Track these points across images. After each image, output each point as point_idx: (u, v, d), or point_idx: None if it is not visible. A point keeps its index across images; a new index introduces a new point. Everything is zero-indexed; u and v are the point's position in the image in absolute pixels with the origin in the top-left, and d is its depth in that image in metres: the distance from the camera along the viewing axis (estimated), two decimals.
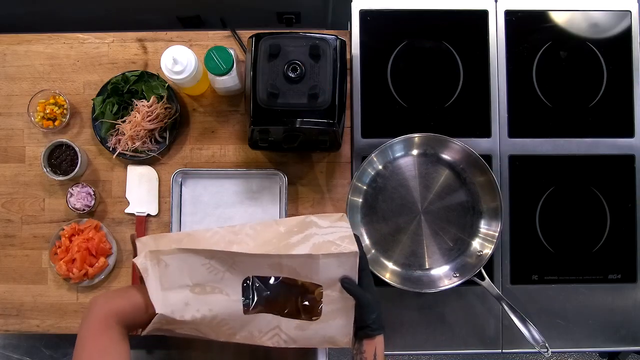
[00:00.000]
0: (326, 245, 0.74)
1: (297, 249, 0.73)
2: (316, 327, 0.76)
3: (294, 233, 0.78)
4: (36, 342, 1.15)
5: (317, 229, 0.79)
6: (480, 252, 1.05)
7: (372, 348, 0.75)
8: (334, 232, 0.78)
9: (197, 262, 0.72)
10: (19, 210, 1.12)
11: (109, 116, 1.09)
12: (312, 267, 0.73)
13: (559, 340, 1.10)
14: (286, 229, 0.79)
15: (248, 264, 0.73)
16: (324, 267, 0.73)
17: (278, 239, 0.76)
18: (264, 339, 0.76)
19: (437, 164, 1.08)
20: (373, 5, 1.14)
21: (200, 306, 0.72)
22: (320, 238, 0.76)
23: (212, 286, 0.72)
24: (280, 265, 0.73)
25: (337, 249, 0.73)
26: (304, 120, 0.92)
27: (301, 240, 0.75)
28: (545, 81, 1.13)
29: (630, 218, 1.12)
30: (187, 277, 0.72)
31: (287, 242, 0.75)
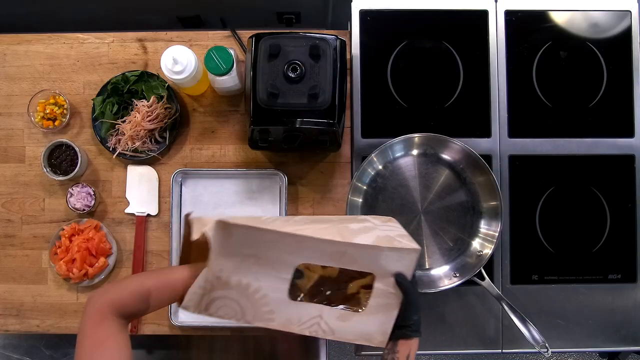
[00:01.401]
0: (389, 240, 0.73)
1: (360, 237, 0.72)
2: (358, 320, 0.75)
3: (353, 221, 0.77)
4: (36, 342, 1.15)
5: (373, 224, 0.78)
6: (480, 252, 1.05)
7: (407, 350, 0.74)
8: (390, 229, 0.78)
9: (261, 238, 0.70)
10: (19, 210, 1.12)
11: (109, 116, 1.09)
12: (372, 258, 0.72)
13: (559, 340, 1.10)
14: (339, 219, 0.79)
15: (311, 249, 0.71)
16: (384, 260, 0.73)
17: (335, 223, 0.75)
18: (302, 328, 0.74)
19: (437, 164, 1.08)
20: (373, 5, 1.14)
21: (248, 273, 0.70)
22: (381, 232, 0.75)
23: (266, 260, 0.70)
24: (342, 255, 0.72)
25: (399, 244, 0.73)
26: (304, 120, 0.92)
27: (362, 229, 0.74)
28: (545, 81, 1.13)
29: (630, 218, 1.12)
30: (246, 248, 0.70)
31: (347, 227, 0.74)
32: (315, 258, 0.72)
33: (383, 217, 0.84)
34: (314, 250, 0.71)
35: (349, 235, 0.71)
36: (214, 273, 0.69)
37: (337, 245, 0.70)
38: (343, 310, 0.75)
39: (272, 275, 0.71)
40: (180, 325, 1.07)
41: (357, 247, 0.71)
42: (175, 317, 1.08)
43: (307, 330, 0.74)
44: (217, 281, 0.70)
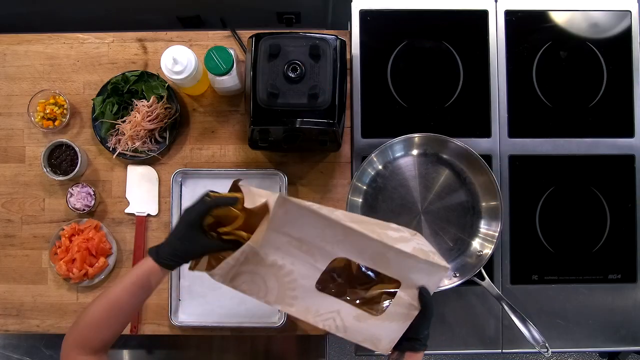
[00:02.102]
0: (424, 253, 0.75)
1: (400, 245, 0.73)
2: (373, 323, 0.76)
3: (388, 228, 0.78)
4: (36, 342, 1.15)
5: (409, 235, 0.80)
6: (480, 252, 1.05)
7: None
8: (422, 243, 0.79)
9: (313, 223, 0.70)
10: (19, 210, 1.12)
11: (109, 116, 1.09)
12: (407, 266, 0.73)
13: (559, 340, 1.10)
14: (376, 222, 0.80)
15: (355, 244, 0.71)
16: (416, 271, 0.74)
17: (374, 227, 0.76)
18: (318, 320, 0.75)
19: (437, 164, 1.08)
20: (373, 5, 1.14)
21: (287, 255, 0.70)
22: (416, 244, 0.77)
23: (309, 247, 0.71)
24: (381, 257, 0.72)
25: (433, 259, 0.75)
26: (304, 120, 0.92)
27: (399, 238, 0.75)
28: (545, 81, 1.13)
29: (630, 218, 1.12)
30: (296, 229, 0.70)
31: (387, 234, 0.74)
32: (355, 254, 0.72)
33: (410, 230, 0.86)
34: (358, 246, 0.71)
35: (391, 242, 0.72)
36: (255, 247, 0.68)
37: (380, 247, 0.71)
38: (361, 311, 0.75)
39: (309, 263, 0.71)
40: (180, 325, 1.07)
41: (398, 253, 0.72)
42: (175, 317, 1.08)
43: (321, 322, 0.75)
44: (253, 256, 0.69)
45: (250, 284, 0.72)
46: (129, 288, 0.76)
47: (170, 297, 1.07)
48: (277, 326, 1.06)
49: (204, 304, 1.09)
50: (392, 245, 0.71)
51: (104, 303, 0.75)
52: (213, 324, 1.07)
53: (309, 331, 1.09)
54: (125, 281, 0.77)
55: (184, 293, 1.09)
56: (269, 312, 1.08)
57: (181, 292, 1.09)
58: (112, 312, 0.75)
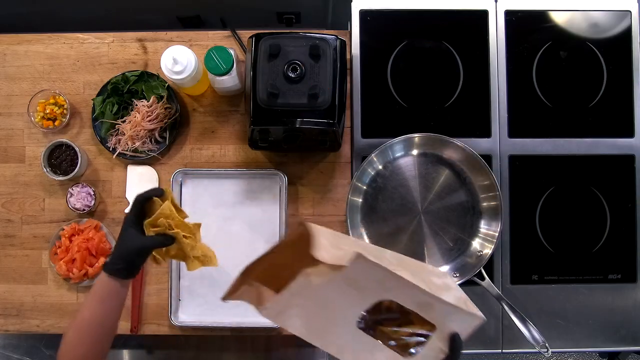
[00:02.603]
0: (465, 302, 0.76)
1: (445, 295, 0.74)
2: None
3: (431, 273, 0.79)
4: (36, 342, 1.15)
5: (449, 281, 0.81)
6: (480, 252, 1.05)
7: None
8: (458, 290, 0.80)
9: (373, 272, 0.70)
10: (19, 210, 1.12)
11: (109, 116, 1.09)
12: (447, 315, 0.75)
13: (559, 340, 1.10)
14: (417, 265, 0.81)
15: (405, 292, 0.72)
16: (456, 320, 0.75)
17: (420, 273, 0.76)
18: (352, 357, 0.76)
19: (437, 164, 1.08)
20: (373, 5, 1.14)
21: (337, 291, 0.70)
22: (458, 292, 0.78)
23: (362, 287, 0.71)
24: (427, 305, 0.74)
25: (472, 310, 0.76)
26: (304, 120, 0.92)
27: (443, 286, 0.76)
28: (545, 81, 1.13)
29: (630, 218, 1.12)
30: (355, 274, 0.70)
31: (432, 280, 0.75)
32: (402, 299, 0.73)
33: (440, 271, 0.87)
34: (407, 293, 0.72)
35: (437, 291, 0.73)
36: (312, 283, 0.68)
37: (429, 297, 0.72)
38: (395, 354, 0.76)
39: (356, 300, 0.72)
40: (180, 325, 1.07)
41: (443, 303, 0.73)
42: (175, 317, 1.08)
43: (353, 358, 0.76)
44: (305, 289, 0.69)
45: (295, 319, 0.72)
46: (92, 305, 0.79)
47: (170, 297, 1.07)
48: (277, 326, 1.06)
49: (204, 304, 1.09)
50: (440, 297, 0.72)
51: (76, 326, 0.78)
52: (213, 324, 1.07)
53: None
54: (87, 301, 0.79)
55: (184, 293, 1.09)
56: None
57: (181, 292, 1.09)
58: (83, 331, 0.78)
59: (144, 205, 0.81)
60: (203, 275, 1.09)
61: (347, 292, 0.70)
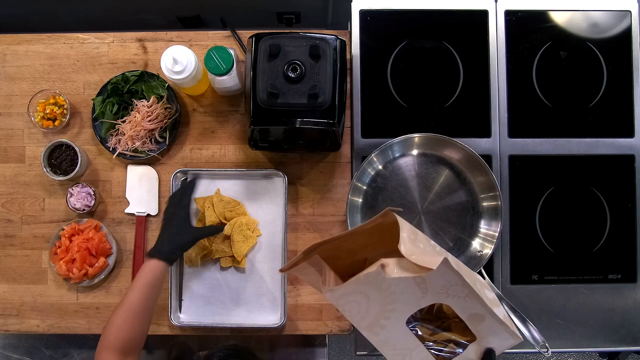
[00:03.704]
0: (508, 320, 0.77)
1: (496, 309, 0.75)
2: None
3: (484, 286, 0.79)
4: (36, 342, 1.15)
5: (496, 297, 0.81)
6: (480, 252, 1.05)
7: None
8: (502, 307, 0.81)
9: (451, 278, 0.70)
10: (19, 210, 1.12)
11: (109, 116, 1.09)
12: (492, 330, 0.75)
13: (559, 340, 1.10)
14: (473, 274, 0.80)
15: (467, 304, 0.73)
16: (496, 335, 0.76)
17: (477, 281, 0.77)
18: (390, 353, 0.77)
19: (437, 164, 1.08)
20: (373, 5, 1.14)
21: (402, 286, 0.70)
22: (503, 310, 0.78)
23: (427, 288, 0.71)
24: (480, 317, 0.75)
25: (513, 329, 0.77)
26: (304, 120, 0.92)
27: (494, 301, 0.77)
28: (545, 81, 1.13)
29: (630, 218, 1.12)
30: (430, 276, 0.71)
31: (485, 294, 0.75)
32: (460, 307, 0.74)
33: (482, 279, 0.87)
34: (467, 303, 0.73)
35: (491, 304, 0.74)
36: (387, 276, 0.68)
37: (485, 310, 0.73)
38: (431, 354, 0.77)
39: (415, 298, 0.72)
40: (180, 325, 1.07)
41: (495, 318, 0.74)
42: (175, 317, 1.08)
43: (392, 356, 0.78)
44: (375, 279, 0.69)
45: (354, 304, 0.72)
46: (142, 290, 0.87)
47: (171, 297, 1.07)
48: (277, 326, 1.06)
49: (204, 304, 1.09)
50: (494, 312, 0.73)
51: (124, 309, 0.85)
52: (213, 324, 1.07)
53: (309, 331, 1.09)
54: (136, 285, 0.87)
55: (185, 293, 1.09)
56: (269, 311, 1.08)
57: (182, 291, 1.09)
58: (130, 314, 0.85)
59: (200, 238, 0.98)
60: (203, 275, 1.09)
61: (412, 289, 0.71)
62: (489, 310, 0.73)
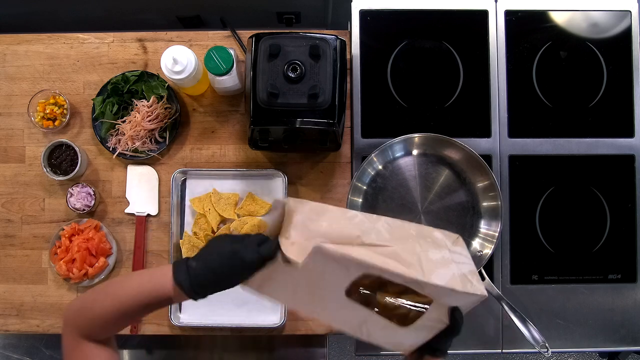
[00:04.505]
0: (464, 281, 0.73)
1: (438, 272, 0.71)
2: (399, 332, 0.76)
3: (430, 244, 0.76)
4: (36, 342, 1.15)
5: (449, 252, 0.78)
6: (480, 252, 1.05)
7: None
8: (462, 261, 0.78)
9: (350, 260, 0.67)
10: (19, 210, 1.12)
11: (109, 116, 1.09)
12: (443, 294, 0.72)
13: (559, 340, 1.10)
14: (417, 233, 0.77)
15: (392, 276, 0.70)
16: (452, 298, 0.73)
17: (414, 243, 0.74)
18: (344, 326, 0.75)
19: (437, 164, 1.08)
20: (373, 5, 1.14)
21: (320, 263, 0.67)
22: (457, 269, 0.75)
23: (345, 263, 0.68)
24: (417, 284, 0.71)
25: (472, 288, 0.73)
26: (304, 120, 0.92)
27: (440, 262, 0.74)
28: (545, 81, 1.13)
29: (630, 218, 1.12)
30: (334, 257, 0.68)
31: (428, 257, 0.73)
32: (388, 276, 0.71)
33: (452, 235, 0.82)
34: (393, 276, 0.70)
35: (428, 269, 0.70)
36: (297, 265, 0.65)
37: (415, 281, 0.70)
38: (388, 322, 0.75)
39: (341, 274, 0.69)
40: (180, 325, 1.07)
41: (435, 287, 0.71)
42: (175, 317, 1.08)
43: (348, 328, 0.75)
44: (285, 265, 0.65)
45: (278, 289, 0.69)
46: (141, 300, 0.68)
47: None
48: (277, 326, 1.06)
49: (204, 304, 1.09)
50: (428, 281, 0.70)
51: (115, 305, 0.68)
52: (213, 324, 1.07)
53: (309, 331, 1.09)
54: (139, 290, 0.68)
55: None
56: (269, 311, 1.08)
57: None
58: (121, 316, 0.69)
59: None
60: None
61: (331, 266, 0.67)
62: (421, 282, 0.69)
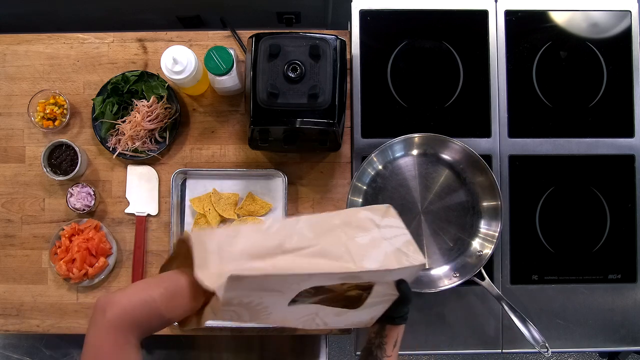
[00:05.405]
0: (398, 256, 0.72)
1: (370, 256, 0.70)
2: (352, 314, 0.76)
3: (356, 229, 0.74)
4: (36, 342, 1.15)
5: (378, 230, 0.76)
6: (480, 252, 1.05)
7: (395, 334, 0.79)
8: (395, 234, 0.77)
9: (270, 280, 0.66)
10: (19, 210, 1.12)
11: (109, 116, 1.09)
12: (381, 276, 0.72)
13: (559, 340, 1.10)
14: (341, 221, 0.75)
15: (321, 279, 0.69)
16: (391, 275, 0.73)
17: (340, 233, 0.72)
18: (297, 323, 0.75)
19: (437, 164, 1.08)
20: (373, 5, 1.14)
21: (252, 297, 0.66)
22: (389, 246, 0.74)
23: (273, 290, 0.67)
24: (352, 277, 0.70)
25: (408, 261, 0.72)
26: (304, 120, 0.92)
27: (369, 244, 0.72)
28: (545, 81, 1.13)
29: (630, 218, 1.12)
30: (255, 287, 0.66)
31: (355, 241, 0.72)
32: (325, 282, 0.71)
33: (380, 208, 0.80)
34: (324, 278, 0.69)
35: (359, 256, 0.69)
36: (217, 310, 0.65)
37: (349, 274, 0.69)
38: (340, 309, 0.75)
39: (276, 296, 0.68)
40: None
41: (368, 273, 0.70)
42: None
43: (302, 324, 0.75)
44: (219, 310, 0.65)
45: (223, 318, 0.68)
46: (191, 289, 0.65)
47: None
48: (276, 326, 1.06)
49: None
50: (361, 270, 0.68)
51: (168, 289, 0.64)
52: (214, 324, 1.07)
53: (309, 331, 1.09)
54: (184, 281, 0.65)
55: None
56: None
57: None
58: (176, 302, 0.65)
59: None
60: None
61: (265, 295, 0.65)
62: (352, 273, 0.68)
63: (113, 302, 0.61)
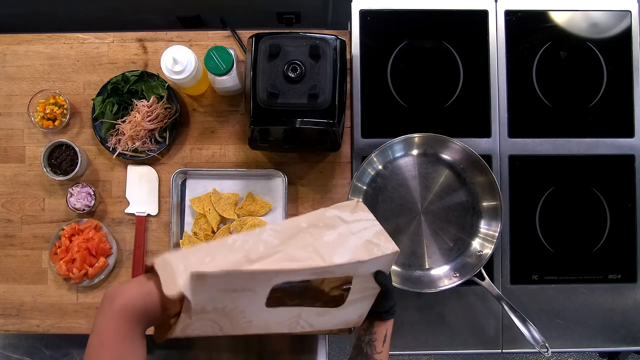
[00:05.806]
0: (369, 247, 0.72)
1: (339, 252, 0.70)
2: (337, 312, 0.76)
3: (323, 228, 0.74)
4: (36, 342, 1.15)
5: (346, 225, 0.76)
6: (480, 252, 1.05)
7: (384, 330, 0.78)
8: (364, 227, 0.76)
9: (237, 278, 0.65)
10: (19, 210, 1.12)
11: (109, 116, 1.09)
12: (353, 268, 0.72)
13: (559, 340, 1.10)
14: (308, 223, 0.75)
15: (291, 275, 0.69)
16: (364, 267, 0.73)
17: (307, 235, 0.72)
18: (281, 328, 0.74)
19: (437, 164, 1.08)
20: (373, 5, 1.14)
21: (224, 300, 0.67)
22: (358, 239, 0.73)
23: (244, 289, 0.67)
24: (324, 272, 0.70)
25: (379, 251, 0.72)
26: (304, 120, 0.92)
27: (337, 240, 0.72)
28: (545, 81, 1.13)
29: (630, 218, 1.12)
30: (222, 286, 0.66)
31: (322, 239, 0.71)
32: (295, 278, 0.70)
33: (349, 204, 0.80)
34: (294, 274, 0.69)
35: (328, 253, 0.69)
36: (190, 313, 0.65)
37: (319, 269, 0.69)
38: (322, 308, 0.75)
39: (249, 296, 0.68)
40: None
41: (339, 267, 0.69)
42: None
43: (286, 328, 0.74)
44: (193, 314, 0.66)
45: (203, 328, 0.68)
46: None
47: None
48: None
49: None
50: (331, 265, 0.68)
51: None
52: None
53: None
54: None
55: None
56: None
57: None
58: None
59: None
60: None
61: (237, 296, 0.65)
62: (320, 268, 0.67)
63: (120, 293, 0.64)
